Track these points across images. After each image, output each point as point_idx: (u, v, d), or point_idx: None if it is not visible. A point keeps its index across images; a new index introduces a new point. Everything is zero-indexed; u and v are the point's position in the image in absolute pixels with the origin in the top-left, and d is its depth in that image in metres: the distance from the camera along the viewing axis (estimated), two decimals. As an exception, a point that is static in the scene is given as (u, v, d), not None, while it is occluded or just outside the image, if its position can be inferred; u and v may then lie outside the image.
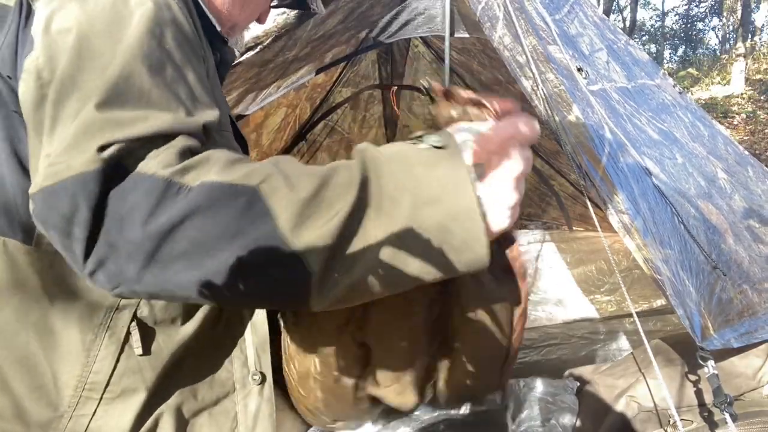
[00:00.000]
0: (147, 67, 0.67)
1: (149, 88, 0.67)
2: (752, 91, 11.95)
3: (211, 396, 0.93)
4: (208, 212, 0.58)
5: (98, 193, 0.59)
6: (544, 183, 3.86)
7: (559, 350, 2.64)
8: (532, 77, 1.49)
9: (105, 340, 0.84)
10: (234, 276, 0.59)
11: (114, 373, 0.85)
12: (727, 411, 1.14)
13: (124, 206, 0.59)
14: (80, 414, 0.84)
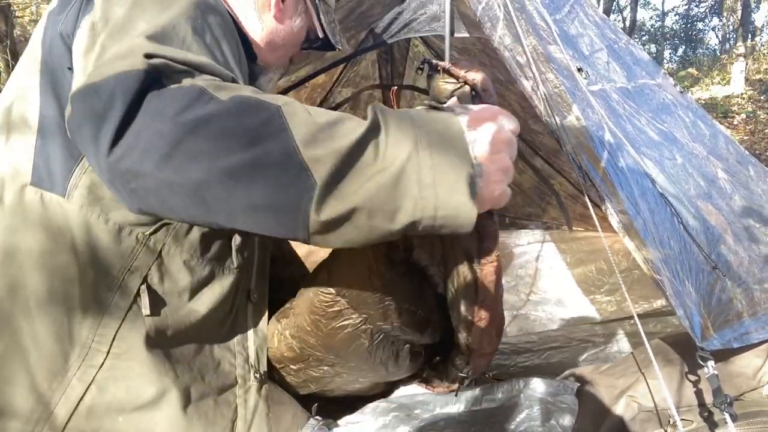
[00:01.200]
0: (191, 27, 0.76)
1: (190, 41, 0.75)
2: (752, 91, 11.96)
3: (217, 383, 0.98)
4: (232, 117, 0.62)
5: (136, 91, 0.63)
6: (544, 183, 3.86)
7: (560, 354, 2.64)
8: (532, 77, 1.49)
9: (116, 296, 0.89)
10: (242, 180, 0.61)
11: (120, 329, 0.89)
12: (726, 411, 1.14)
13: (159, 104, 0.62)
14: (89, 365, 0.88)
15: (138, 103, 0.62)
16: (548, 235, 4.04)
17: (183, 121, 0.61)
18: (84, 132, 0.67)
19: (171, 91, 0.64)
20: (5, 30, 6.60)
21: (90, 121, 0.65)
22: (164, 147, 0.61)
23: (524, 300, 3.65)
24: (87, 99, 0.65)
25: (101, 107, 0.63)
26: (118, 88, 0.63)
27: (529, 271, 3.92)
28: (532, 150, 3.72)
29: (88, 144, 0.67)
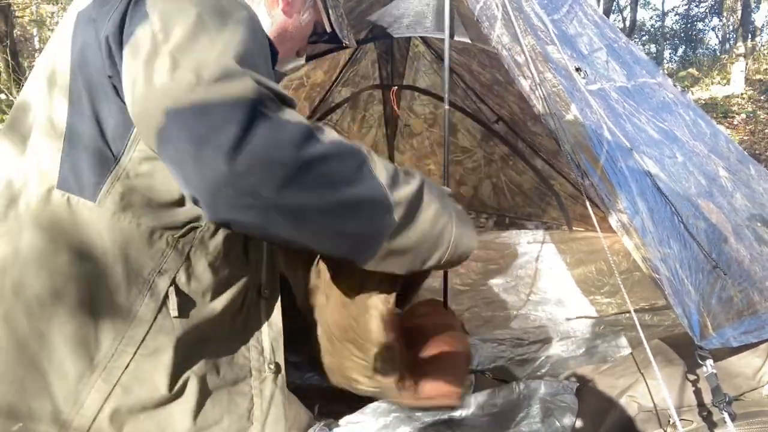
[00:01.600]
0: (257, 51, 0.84)
1: (260, 64, 0.84)
2: (752, 91, 11.95)
3: (231, 375, 1.00)
4: (338, 159, 0.77)
5: (248, 115, 0.73)
6: (544, 183, 3.86)
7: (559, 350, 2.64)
8: (530, 77, 1.49)
9: (147, 298, 0.91)
10: (342, 212, 0.78)
11: (151, 330, 0.91)
12: (725, 410, 1.14)
13: (276, 135, 0.73)
14: (114, 366, 0.89)
15: (250, 127, 0.72)
16: (548, 235, 4.04)
17: (303, 156, 0.74)
18: (188, 146, 0.74)
19: (285, 125, 0.75)
20: (5, 30, 6.61)
21: (200, 138, 0.73)
22: (285, 175, 0.73)
23: (524, 300, 3.65)
24: (197, 117, 0.73)
25: (216, 126, 0.72)
26: (234, 112, 0.73)
27: (529, 271, 3.92)
28: (532, 150, 3.72)
29: (192, 158, 0.74)
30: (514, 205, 4.23)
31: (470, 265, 4.10)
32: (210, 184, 0.73)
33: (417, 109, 4.10)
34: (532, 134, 3.49)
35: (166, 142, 0.76)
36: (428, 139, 4.26)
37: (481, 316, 3.53)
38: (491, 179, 4.18)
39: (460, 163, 4.20)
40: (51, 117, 0.91)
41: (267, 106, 0.75)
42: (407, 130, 4.30)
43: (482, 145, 3.99)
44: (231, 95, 0.74)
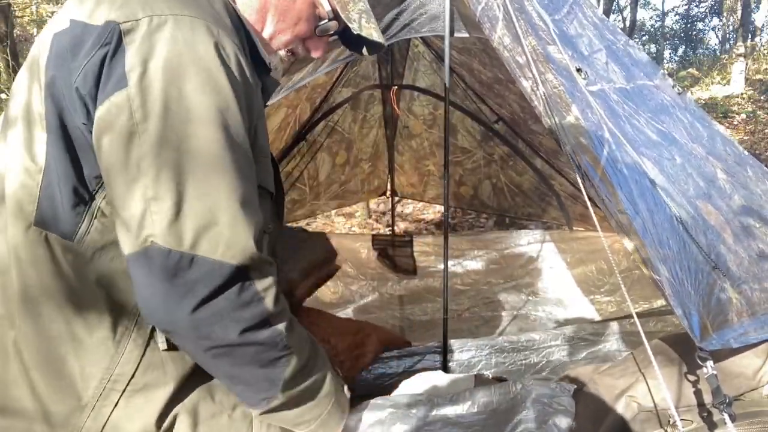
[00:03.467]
0: (240, 125, 0.86)
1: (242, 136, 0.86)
2: (752, 91, 11.95)
3: (229, 401, 1.00)
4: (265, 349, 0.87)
5: (228, 279, 0.80)
6: (544, 183, 3.86)
7: (560, 351, 2.64)
8: (531, 78, 1.49)
9: (134, 333, 0.90)
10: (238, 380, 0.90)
11: (140, 366, 0.90)
12: (725, 411, 1.14)
13: (237, 312, 0.82)
14: (102, 405, 0.89)
15: (224, 289, 0.80)
16: (548, 235, 4.04)
17: (242, 339, 0.84)
18: (161, 285, 0.79)
19: (246, 306, 0.82)
20: (5, 30, 6.60)
21: (173, 282, 0.78)
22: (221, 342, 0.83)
23: (524, 300, 3.66)
24: (179, 264, 0.78)
25: (193, 278, 0.78)
26: (212, 273, 0.79)
27: (528, 271, 3.93)
28: (532, 150, 3.72)
29: (161, 294, 0.79)
30: (514, 205, 4.23)
31: (470, 265, 4.11)
32: (166, 320, 0.81)
33: (416, 111, 4.11)
34: (532, 134, 3.49)
35: (140, 265, 0.80)
36: (427, 140, 4.26)
37: (481, 316, 3.54)
38: (491, 179, 4.18)
39: (459, 164, 4.20)
40: (30, 145, 0.89)
41: (249, 271, 0.82)
42: (406, 131, 4.30)
43: (482, 145, 4.00)
44: (217, 260, 0.80)
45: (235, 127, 0.83)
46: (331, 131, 3.98)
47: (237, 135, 0.83)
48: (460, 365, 2.29)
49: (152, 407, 0.90)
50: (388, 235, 4.57)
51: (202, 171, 0.79)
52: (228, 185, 0.81)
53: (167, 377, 0.92)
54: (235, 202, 0.81)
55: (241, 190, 0.82)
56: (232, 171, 0.81)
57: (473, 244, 4.20)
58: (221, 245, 0.79)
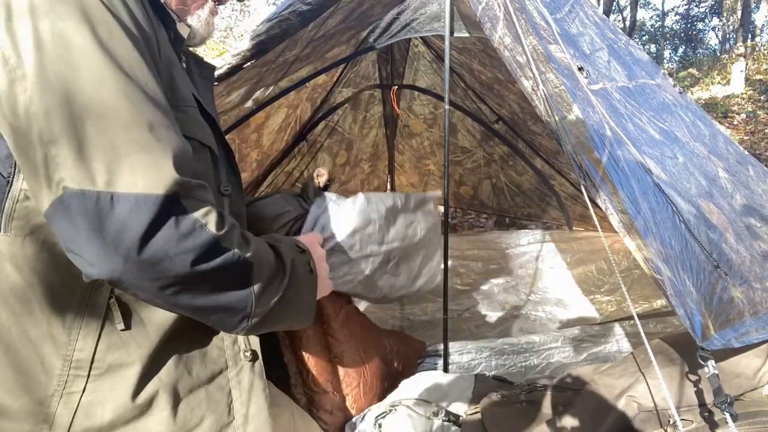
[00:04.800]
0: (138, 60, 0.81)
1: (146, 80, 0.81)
2: (752, 91, 11.94)
3: (205, 373, 0.97)
4: (224, 273, 0.82)
5: (157, 213, 0.73)
6: (544, 183, 3.86)
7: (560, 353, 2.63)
8: (532, 77, 1.49)
9: (85, 317, 0.87)
10: (207, 310, 0.85)
11: (97, 349, 0.87)
12: (727, 411, 1.14)
13: (180, 244, 0.76)
14: (70, 392, 0.86)
15: (158, 224, 0.74)
16: (548, 235, 4.04)
17: (194, 270, 0.77)
18: (90, 234, 0.73)
19: (187, 235, 0.76)
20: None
21: (102, 227, 0.72)
22: (172, 281, 0.77)
23: (524, 300, 3.65)
24: (99, 206, 0.72)
25: (120, 218, 0.72)
26: (137, 209, 0.73)
27: (529, 271, 3.92)
28: (532, 150, 3.72)
29: (94, 244, 0.73)
30: (514, 205, 4.23)
31: (470, 265, 4.10)
32: (108, 270, 0.74)
33: (416, 110, 4.10)
34: (532, 134, 3.49)
35: (61, 217, 0.74)
36: (428, 139, 4.26)
37: (481, 316, 3.53)
38: (491, 179, 4.18)
39: (460, 164, 4.20)
40: None
41: (179, 199, 0.76)
42: (406, 130, 4.30)
43: (482, 145, 4.00)
44: (139, 193, 0.73)
45: (126, 55, 0.78)
46: (332, 131, 3.98)
47: (130, 61, 0.78)
48: (461, 368, 2.28)
49: (122, 387, 0.88)
50: (388, 235, 4.57)
51: (95, 102, 0.73)
52: (129, 111, 0.75)
53: (132, 356, 0.89)
54: (143, 128, 0.75)
55: (147, 114, 0.76)
56: (132, 96, 0.76)
57: (473, 244, 4.19)
58: (139, 176, 0.73)
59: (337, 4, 1.95)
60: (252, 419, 0.98)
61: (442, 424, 1.75)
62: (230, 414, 0.97)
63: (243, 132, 3.11)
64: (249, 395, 0.99)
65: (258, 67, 2.13)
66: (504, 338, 2.56)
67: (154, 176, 0.74)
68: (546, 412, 1.79)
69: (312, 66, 2.73)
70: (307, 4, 1.83)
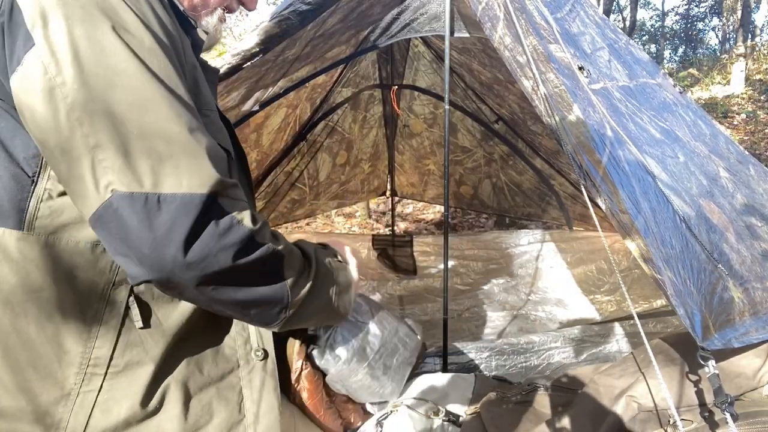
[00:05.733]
0: (174, 71, 0.84)
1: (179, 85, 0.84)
2: (752, 91, 11.95)
3: (216, 372, 0.97)
4: (262, 264, 0.85)
5: (200, 212, 0.76)
6: (544, 183, 3.86)
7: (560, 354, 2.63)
8: (532, 77, 1.49)
9: (105, 315, 0.88)
10: (247, 304, 0.87)
11: (117, 347, 0.88)
12: (728, 411, 1.14)
13: (222, 239, 0.78)
14: (87, 390, 0.87)
15: (202, 223, 0.76)
16: (548, 235, 4.04)
17: (237, 263, 0.80)
18: (140, 235, 0.75)
19: (228, 231, 0.79)
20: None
21: (151, 228, 0.75)
22: (218, 275, 0.80)
23: (524, 300, 3.66)
24: (147, 207, 0.75)
25: (168, 218, 0.75)
26: (184, 208, 0.75)
27: (529, 271, 3.93)
28: (532, 150, 3.72)
29: (144, 245, 0.75)
30: (514, 205, 4.23)
31: (470, 265, 4.10)
32: (158, 271, 0.77)
33: (416, 110, 4.10)
34: (532, 134, 3.49)
35: (110, 220, 0.76)
36: (428, 139, 4.26)
37: (481, 316, 3.53)
38: (491, 179, 4.18)
39: (460, 163, 4.20)
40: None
41: (218, 199, 0.79)
42: (406, 130, 4.30)
43: (482, 145, 4.00)
44: (184, 193, 0.76)
45: (158, 60, 0.80)
46: (331, 131, 3.97)
47: (162, 66, 0.80)
48: (460, 368, 2.28)
49: (137, 386, 0.89)
50: (388, 235, 4.57)
51: (137, 106, 0.76)
52: (168, 114, 0.77)
53: (148, 355, 0.90)
54: (183, 129, 0.78)
55: (185, 117, 0.79)
56: (169, 99, 0.78)
57: (473, 244, 4.19)
58: (184, 177, 0.76)
59: (337, 4, 1.95)
60: (262, 417, 0.99)
61: (442, 424, 1.75)
62: (241, 412, 0.98)
63: (243, 132, 3.11)
64: (260, 394, 1.00)
65: (258, 67, 2.12)
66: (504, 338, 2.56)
67: (198, 176, 0.77)
68: (546, 412, 1.79)
69: (312, 66, 2.73)
70: (307, 4, 1.83)
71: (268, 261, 0.85)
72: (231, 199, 0.81)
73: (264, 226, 0.86)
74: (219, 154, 0.83)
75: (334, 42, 2.43)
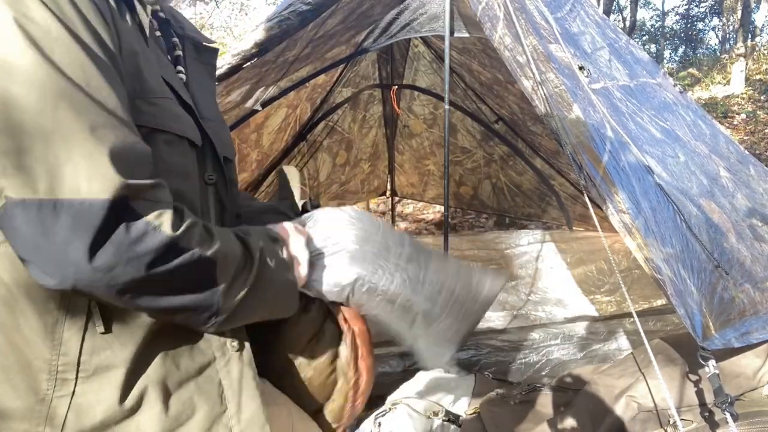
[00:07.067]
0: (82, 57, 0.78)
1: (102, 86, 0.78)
2: (752, 91, 11.95)
3: (194, 366, 0.95)
4: (185, 271, 0.80)
5: (104, 219, 0.71)
6: (544, 183, 3.86)
7: (560, 351, 2.64)
8: (532, 77, 1.49)
9: (67, 320, 0.86)
10: (171, 311, 0.84)
11: (82, 352, 0.86)
12: (728, 411, 1.14)
13: (133, 248, 0.74)
14: (60, 395, 0.86)
15: (107, 230, 0.72)
16: (548, 235, 4.04)
17: (150, 273, 0.76)
18: (38, 243, 0.71)
19: (140, 239, 0.74)
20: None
21: (48, 236, 0.71)
22: (128, 285, 0.75)
23: (524, 300, 3.65)
24: (41, 214, 0.70)
25: (66, 225, 0.70)
26: (84, 215, 0.70)
27: (529, 271, 3.92)
28: (532, 150, 3.72)
29: (44, 254, 0.72)
30: (514, 205, 4.23)
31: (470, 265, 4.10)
32: (62, 279, 0.73)
33: (416, 110, 4.10)
34: (532, 134, 3.49)
35: (8, 228, 0.72)
36: (428, 139, 4.26)
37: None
38: (491, 179, 4.19)
39: (460, 164, 4.20)
40: None
41: (126, 207, 0.74)
42: (406, 130, 4.30)
43: (482, 145, 4.00)
44: (84, 199, 0.70)
45: (64, 54, 0.74)
46: (331, 131, 3.97)
47: (69, 59, 0.75)
48: (460, 364, 2.29)
49: (111, 388, 0.87)
50: (388, 235, 4.56)
51: (31, 105, 0.70)
52: (67, 113, 0.71)
53: (117, 357, 0.88)
54: (83, 131, 0.72)
55: (89, 115, 0.73)
56: (70, 97, 0.72)
57: (473, 244, 4.19)
58: (83, 181, 0.70)
59: (337, 4, 1.95)
60: (245, 407, 0.98)
61: (442, 424, 1.75)
62: (222, 404, 0.96)
63: (243, 132, 3.11)
64: (240, 384, 0.99)
65: (258, 67, 2.12)
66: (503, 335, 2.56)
67: (99, 181, 0.71)
68: (545, 411, 1.79)
69: (312, 66, 2.73)
70: (307, 4, 1.83)
71: (192, 268, 0.80)
72: (148, 201, 0.76)
73: (191, 228, 0.81)
74: (136, 152, 0.77)
75: (334, 42, 2.43)
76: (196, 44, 1.14)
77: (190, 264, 0.79)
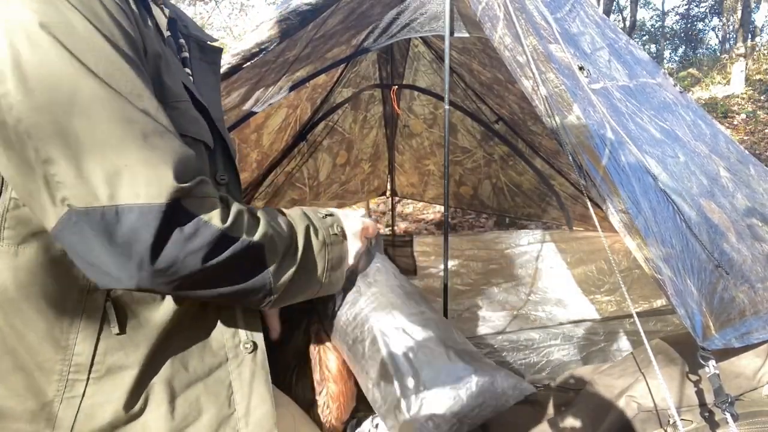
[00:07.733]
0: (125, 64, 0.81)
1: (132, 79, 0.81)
2: (752, 91, 11.95)
3: (203, 367, 0.96)
4: (238, 261, 0.85)
5: (161, 223, 0.75)
6: (544, 183, 3.86)
7: (560, 351, 2.64)
8: (532, 77, 1.49)
9: (82, 321, 0.86)
10: (230, 297, 0.90)
11: (96, 353, 0.87)
12: (728, 411, 1.14)
13: (187, 245, 0.78)
14: (70, 396, 0.86)
15: (166, 231, 0.76)
16: (548, 235, 4.04)
17: (206, 266, 0.80)
18: (102, 248, 0.75)
19: (193, 237, 0.78)
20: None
21: (112, 241, 0.74)
22: (189, 278, 0.80)
23: (524, 300, 3.65)
24: (105, 220, 0.74)
25: (128, 230, 0.74)
26: (144, 219, 0.74)
27: (529, 271, 3.92)
28: (532, 150, 3.72)
29: (108, 258, 0.75)
30: (514, 205, 4.23)
31: (470, 265, 4.10)
32: (127, 281, 0.77)
33: (416, 110, 4.10)
34: (532, 134, 3.49)
35: (70, 234, 0.75)
36: (428, 139, 4.26)
37: (481, 317, 3.53)
38: (491, 179, 4.18)
39: (460, 164, 4.20)
40: None
41: (180, 208, 0.78)
42: (406, 130, 4.30)
43: (482, 145, 4.00)
44: (141, 204, 0.74)
45: (107, 63, 0.76)
46: (332, 131, 3.97)
47: (111, 69, 0.76)
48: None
49: (121, 390, 0.88)
50: (388, 235, 4.57)
51: (85, 114, 0.72)
52: (120, 120, 0.74)
53: (129, 359, 0.89)
54: (137, 137, 0.75)
55: (138, 123, 0.76)
56: (118, 106, 0.75)
57: (473, 244, 4.20)
58: (141, 187, 0.74)
59: (337, 4, 1.95)
60: (254, 410, 0.97)
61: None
62: (231, 406, 0.96)
63: (243, 132, 3.11)
64: (250, 387, 0.98)
65: (258, 67, 2.12)
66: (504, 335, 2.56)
67: (156, 186, 0.74)
68: (546, 411, 1.79)
69: (312, 66, 2.73)
70: (307, 4, 1.83)
71: (243, 256, 0.85)
72: (197, 198, 0.80)
73: (238, 218, 0.85)
74: (182, 156, 0.79)
75: (335, 42, 2.43)
76: (200, 43, 1.14)
77: (240, 252, 0.84)
